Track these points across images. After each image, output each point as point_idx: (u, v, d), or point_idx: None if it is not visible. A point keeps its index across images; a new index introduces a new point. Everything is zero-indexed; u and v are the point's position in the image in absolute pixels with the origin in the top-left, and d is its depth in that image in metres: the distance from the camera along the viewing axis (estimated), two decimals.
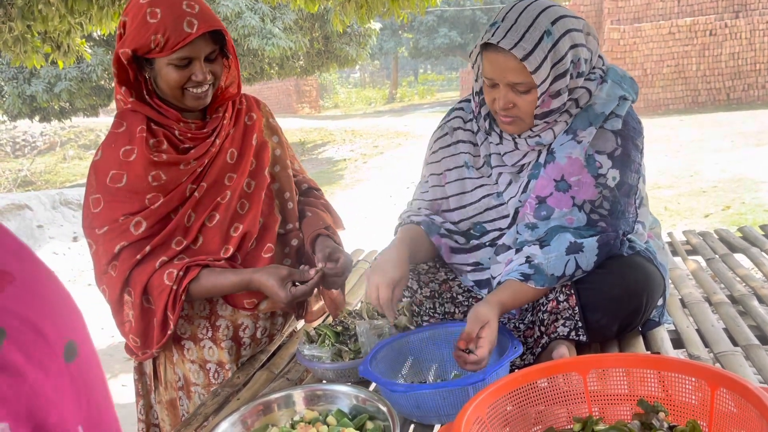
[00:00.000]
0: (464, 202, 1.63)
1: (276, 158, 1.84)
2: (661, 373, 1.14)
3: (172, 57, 1.52)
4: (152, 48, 1.51)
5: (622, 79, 1.51)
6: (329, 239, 1.77)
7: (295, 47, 11.55)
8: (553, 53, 1.37)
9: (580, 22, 1.44)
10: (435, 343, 1.56)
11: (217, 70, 1.61)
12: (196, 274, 1.58)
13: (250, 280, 1.60)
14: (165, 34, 1.49)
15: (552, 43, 1.37)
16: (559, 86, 1.40)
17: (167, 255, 1.60)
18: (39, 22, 4.37)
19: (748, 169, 7.29)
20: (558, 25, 1.38)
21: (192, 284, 1.58)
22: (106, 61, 11.15)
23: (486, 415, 1.09)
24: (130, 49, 1.52)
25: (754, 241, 2.50)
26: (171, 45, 1.50)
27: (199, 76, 1.55)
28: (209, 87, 1.60)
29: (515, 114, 1.45)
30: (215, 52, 1.59)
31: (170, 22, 1.49)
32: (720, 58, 13.90)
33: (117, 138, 1.59)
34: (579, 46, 1.41)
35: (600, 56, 1.52)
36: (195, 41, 1.51)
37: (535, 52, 1.36)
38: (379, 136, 14.62)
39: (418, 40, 26.55)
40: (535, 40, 1.36)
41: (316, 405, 1.28)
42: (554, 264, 1.41)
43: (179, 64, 1.53)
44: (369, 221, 7.16)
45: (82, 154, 17.58)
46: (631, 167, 1.47)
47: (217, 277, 1.60)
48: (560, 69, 1.39)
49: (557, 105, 1.43)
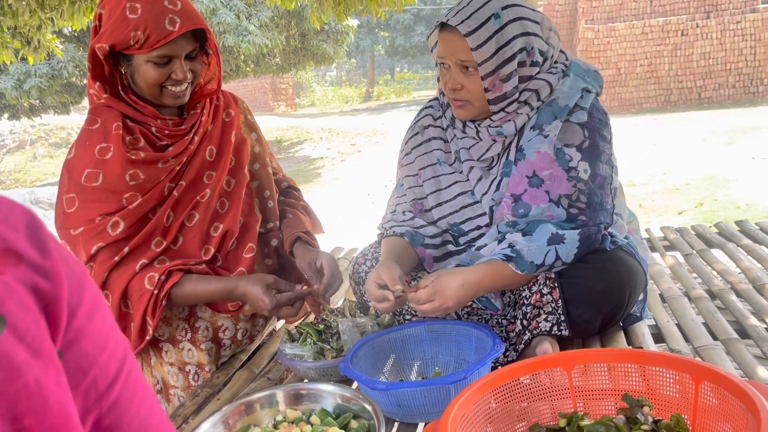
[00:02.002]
0: (441, 199, 1.64)
1: (255, 155, 1.81)
2: (644, 367, 1.15)
3: (152, 54, 1.47)
4: (131, 44, 1.46)
5: (585, 72, 1.53)
6: (309, 246, 1.75)
7: (271, 44, 11.47)
8: (499, 35, 1.42)
9: (539, 15, 1.49)
10: (417, 341, 1.55)
11: (197, 68, 1.56)
12: (178, 279, 1.55)
13: (234, 288, 1.56)
14: (146, 31, 1.44)
15: (499, 25, 1.42)
16: (507, 70, 1.44)
17: (147, 257, 1.55)
18: (9, 16, 4.26)
19: (720, 167, 7.42)
20: (509, 11, 1.44)
21: (174, 289, 1.54)
22: (77, 58, 10.94)
23: (472, 412, 1.08)
24: (107, 45, 1.47)
25: (730, 236, 2.53)
26: (151, 42, 1.45)
27: (179, 74, 1.51)
28: (188, 85, 1.56)
29: (464, 97, 1.49)
30: (196, 50, 1.55)
31: (151, 19, 1.44)
32: (691, 58, 14.11)
33: (91, 135, 1.54)
34: (531, 35, 1.45)
35: (563, 52, 1.55)
36: (176, 39, 1.47)
37: (480, 30, 1.41)
38: (356, 135, 14.59)
39: (395, 39, 26.57)
40: (482, 20, 1.42)
41: (299, 404, 1.26)
42: (535, 252, 1.41)
43: (159, 62, 1.49)
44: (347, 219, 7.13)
45: (53, 153, 17.25)
46: (601, 158, 1.48)
47: (199, 283, 1.57)
48: (507, 53, 1.43)
49: (509, 89, 1.46)
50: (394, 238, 1.63)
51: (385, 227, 1.68)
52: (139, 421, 0.47)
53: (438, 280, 1.38)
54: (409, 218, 1.66)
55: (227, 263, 1.68)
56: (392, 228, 1.65)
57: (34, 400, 0.39)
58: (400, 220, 1.66)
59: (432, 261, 1.64)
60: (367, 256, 1.75)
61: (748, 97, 13.91)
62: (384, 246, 1.63)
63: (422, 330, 1.54)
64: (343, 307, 1.73)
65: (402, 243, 1.62)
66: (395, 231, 1.64)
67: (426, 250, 1.63)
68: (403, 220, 1.66)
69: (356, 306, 1.74)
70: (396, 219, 1.67)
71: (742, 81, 13.99)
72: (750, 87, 13.96)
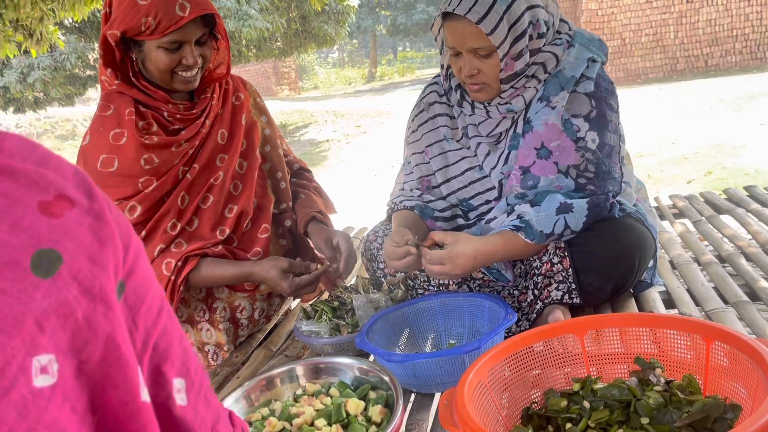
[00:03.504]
0: (449, 175, 1.65)
1: (266, 138, 1.83)
2: (655, 331, 1.16)
3: (163, 40, 1.49)
4: (142, 30, 1.48)
5: (590, 42, 1.53)
6: (323, 226, 1.77)
7: (273, 28, 11.42)
8: (508, 14, 1.40)
9: None
10: (430, 314, 1.57)
11: (206, 53, 1.59)
12: (195, 264, 1.58)
13: (250, 273, 1.60)
14: (156, 17, 1.46)
15: (506, 4, 1.40)
16: (519, 47, 1.43)
17: (164, 241, 1.58)
18: (10, 9, 4.27)
19: (728, 135, 7.36)
20: None
21: (191, 274, 1.58)
22: (79, 49, 10.94)
23: (487, 379, 1.11)
24: (119, 31, 1.49)
25: (739, 202, 2.53)
26: (162, 28, 1.47)
27: (189, 60, 1.53)
28: (198, 70, 1.58)
29: (482, 80, 1.48)
30: (206, 35, 1.57)
31: (162, 5, 1.46)
32: (697, 26, 13.93)
33: (105, 121, 1.56)
34: (536, 7, 1.44)
35: (565, 21, 1.54)
36: (186, 25, 1.49)
37: (490, 14, 1.39)
38: (361, 116, 14.54)
39: (396, 17, 26.33)
40: (489, 3, 1.39)
41: (318, 378, 1.29)
42: (544, 221, 1.43)
43: (170, 47, 1.51)
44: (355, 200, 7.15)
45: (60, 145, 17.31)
46: (608, 127, 1.48)
47: (216, 268, 1.60)
48: (518, 30, 1.41)
49: (521, 66, 1.45)
50: (405, 212, 1.65)
51: (395, 202, 1.70)
52: (182, 349, 0.53)
53: (454, 247, 1.40)
54: (417, 195, 1.67)
55: (243, 244, 1.71)
56: (402, 202, 1.67)
57: (84, 333, 0.42)
58: (408, 196, 1.68)
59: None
60: (378, 233, 1.77)
61: (755, 63, 13.74)
62: (395, 219, 1.64)
63: (435, 303, 1.57)
64: (357, 284, 1.76)
65: (412, 216, 1.63)
66: (405, 205, 1.65)
67: (436, 223, 1.65)
68: (411, 196, 1.68)
69: (369, 282, 1.76)
70: (405, 194, 1.69)
71: (749, 47, 13.81)
72: (757, 53, 13.78)
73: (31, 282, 0.40)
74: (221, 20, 1.60)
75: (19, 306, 0.39)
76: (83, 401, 0.43)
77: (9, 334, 0.39)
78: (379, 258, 1.75)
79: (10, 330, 0.39)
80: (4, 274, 0.39)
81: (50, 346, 0.41)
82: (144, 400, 0.47)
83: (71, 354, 0.42)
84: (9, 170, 0.43)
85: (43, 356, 0.40)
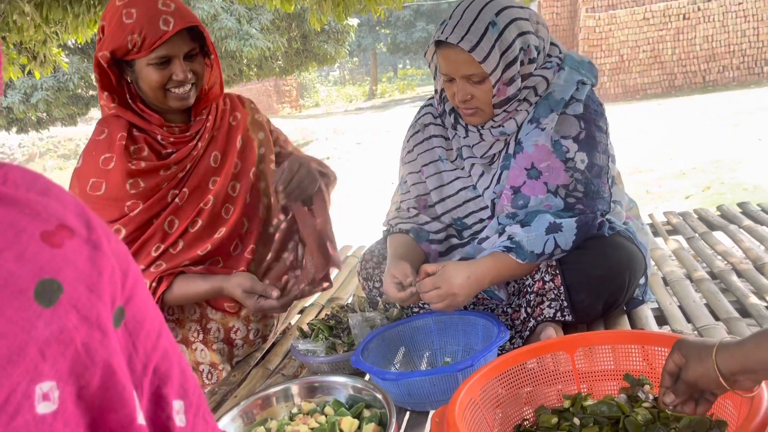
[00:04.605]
0: (444, 194, 1.68)
1: (260, 156, 1.85)
2: (645, 347, 1.18)
3: (151, 56, 1.52)
4: (130, 49, 1.51)
5: (580, 65, 1.56)
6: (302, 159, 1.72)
7: (274, 47, 11.52)
8: (500, 42, 1.43)
9: (527, 11, 1.50)
10: (425, 333, 1.59)
11: (197, 68, 1.60)
12: (169, 283, 1.60)
13: (221, 288, 1.62)
14: (141, 33, 1.49)
15: (498, 32, 1.43)
16: (511, 73, 1.46)
17: (144, 263, 1.61)
18: (14, 32, 4.33)
19: (726, 150, 7.39)
20: (502, 15, 1.45)
21: (165, 294, 1.60)
22: (82, 69, 11.05)
23: (479, 397, 1.13)
24: (108, 51, 1.52)
25: (732, 218, 2.56)
26: (148, 44, 1.50)
27: (179, 74, 1.55)
28: (192, 87, 1.60)
29: (475, 105, 1.51)
30: (195, 49, 1.59)
31: (146, 21, 1.49)
32: (694, 42, 14.04)
33: (98, 145, 1.60)
34: (527, 34, 1.47)
35: (556, 44, 1.57)
36: (172, 39, 1.51)
37: (482, 42, 1.42)
38: (362, 133, 14.62)
39: (396, 35, 26.56)
40: (481, 32, 1.42)
41: (313, 397, 1.31)
42: (534, 242, 1.45)
43: (158, 63, 1.53)
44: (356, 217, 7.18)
45: (62, 164, 17.39)
46: (597, 148, 1.51)
47: (188, 285, 1.62)
48: (510, 56, 1.45)
49: (513, 91, 1.48)
50: (400, 235, 1.67)
51: (390, 224, 1.72)
52: (181, 370, 0.54)
53: (443, 270, 1.42)
54: (414, 215, 1.70)
55: (228, 264, 1.73)
56: (398, 225, 1.69)
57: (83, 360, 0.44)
58: (405, 217, 1.70)
59: (437, 256, 1.69)
60: (374, 252, 1.80)
61: (753, 78, 13.82)
62: (390, 243, 1.67)
63: (430, 321, 1.59)
64: (353, 302, 1.78)
65: (408, 239, 1.66)
66: (401, 228, 1.68)
67: (431, 246, 1.68)
68: (408, 217, 1.70)
69: (365, 301, 1.79)
70: (401, 216, 1.71)
71: (747, 62, 13.90)
72: (755, 68, 13.87)
73: (35, 311, 0.42)
74: (209, 35, 1.62)
75: (23, 334, 0.41)
76: (83, 426, 0.44)
77: (14, 362, 0.40)
78: (374, 277, 1.77)
79: (15, 358, 0.40)
80: (11, 302, 0.41)
81: (52, 373, 0.42)
82: (141, 424, 0.48)
83: (71, 381, 0.43)
84: (14, 200, 0.44)
85: (45, 383, 0.41)
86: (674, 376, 0.95)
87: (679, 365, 0.94)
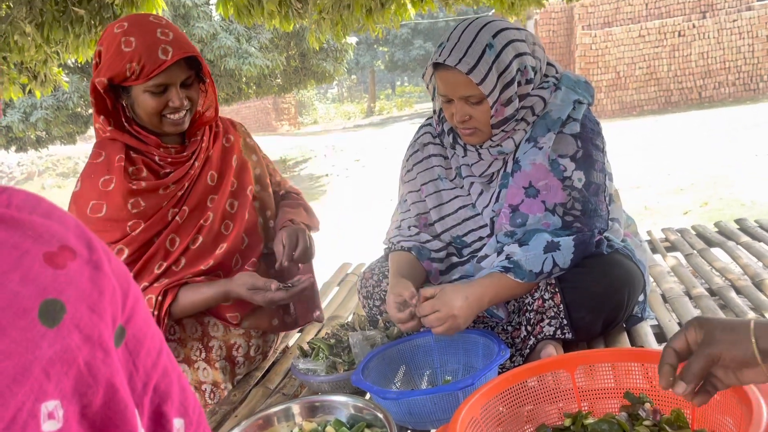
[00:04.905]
0: (443, 213, 1.69)
1: (256, 177, 1.87)
2: (645, 365, 1.19)
3: (148, 84, 1.54)
4: (128, 76, 1.53)
5: (576, 84, 1.58)
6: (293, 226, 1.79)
7: (272, 65, 11.60)
8: (497, 64, 1.45)
9: (523, 33, 1.52)
10: (425, 351, 1.59)
11: (193, 95, 1.63)
12: (174, 295, 1.61)
13: (227, 292, 1.63)
14: (140, 62, 1.51)
15: (495, 54, 1.45)
16: (509, 94, 1.48)
17: (148, 280, 1.62)
18: (15, 52, 4.36)
19: (723, 166, 7.43)
20: (499, 37, 1.47)
21: (172, 306, 1.61)
22: (82, 88, 11.11)
23: (480, 415, 1.13)
24: (105, 78, 1.54)
25: (729, 235, 2.57)
26: (146, 72, 1.52)
27: (175, 102, 1.57)
28: (186, 112, 1.63)
29: (473, 125, 1.53)
30: (191, 77, 1.61)
31: (144, 50, 1.51)
32: (690, 58, 14.17)
33: (96, 168, 1.62)
34: (524, 55, 1.49)
35: (552, 64, 1.60)
36: (170, 68, 1.54)
37: (479, 64, 1.44)
38: (360, 150, 14.68)
39: (394, 53, 26.77)
40: (478, 54, 1.44)
41: (314, 416, 1.31)
42: (533, 261, 1.46)
43: (155, 91, 1.55)
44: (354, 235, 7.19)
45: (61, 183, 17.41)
46: (594, 167, 1.53)
47: (194, 293, 1.63)
48: (507, 78, 1.46)
49: (510, 112, 1.50)
50: (402, 253, 1.68)
51: (392, 242, 1.73)
52: (181, 388, 0.55)
53: (441, 293, 1.42)
54: (415, 233, 1.71)
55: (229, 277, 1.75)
56: (399, 243, 1.70)
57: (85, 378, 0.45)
58: (406, 235, 1.71)
59: (438, 274, 1.70)
60: (374, 270, 1.80)
61: (748, 94, 13.92)
62: (392, 260, 1.67)
63: (430, 340, 1.59)
64: (353, 321, 1.78)
65: (409, 257, 1.67)
66: (402, 246, 1.69)
67: (432, 264, 1.68)
68: (409, 235, 1.71)
69: (365, 319, 1.79)
70: (402, 234, 1.72)
71: (742, 78, 14.02)
72: (750, 84, 13.99)
73: (38, 331, 0.42)
74: (205, 63, 1.65)
75: (27, 354, 0.42)
76: None
77: (19, 382, 0.41)
78: (375, 296, 1.78)
79: (20, 378, 0.41)
80: (15, 323, 0.42)
81: (56, 392, 0.43)
82: None
83: (75, 399, 0.44)
84: (18, 222, 0.45)
85: (50, 402, 0.42)
86: (681, 354, 0.90)
87: (694, 342, 0.88)
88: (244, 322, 1.76)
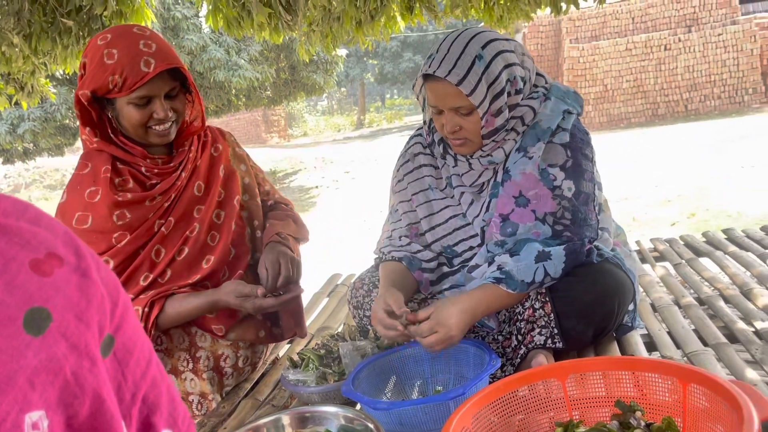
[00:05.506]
0: (433, 223, 1.69)
1: (245, 186, 1.86)
2: (635, 373, 1.19)
3: (132, 96, 1.53)
4: (111, 88, 1.52)
5: (565, 94, 1.59)
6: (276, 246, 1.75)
7: (262, 78, 11.62)
8: (487, 75, 1.46)
9: (512, 44, 1.53)
10: (416, 361, 1.59)
11: (178, 106, 1.62)
12: (161, 306, 1.60)
13: (216, 301, 1.62)
14: (122, 75, 1.50)
15: (484, 65, 1.46)
16: (498, 104, 1.48)
17: (134, 292, 1.61)
18: (2, 63, 4.34)
19: (710, 177, 7.51)
20: (488, 48, 1.48)
21: (159, 317, 1.60)
22: (70, 100, 11.05)
23: (471, 425, 1.12)
24: (89, 90, 1.54)
25: (717, 245, 2.59)
26: (129, 85, 1.51)
27: (160, 113, 1.56)
28: (172, 124, 1.62)
29: (463, 136, 1.53)
30: (176, 88, 1.60)
31: (127, 63, 1.50)
32: (676, 72, 14.35)
33: (82, 180, 1.61)
34: (513, 66, 1.50)
35: (542, 75, 1.60)
36: (153, 80, 1.53)
37: (469, 75, 1.45)
38: (350, 162, 14.70)
39: (383, 66, 26.90)
40: (468, 65, 1.45)
41: (304, 427, 1.29)
42: (524, 271, 1.46)
43: (139, 103, 1.55)
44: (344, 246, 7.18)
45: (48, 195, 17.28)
46: (584, 176, 1.54)
47: (181, 304, 1.62)
48: (497, 88, 1.47)
49: (500, 122, 1.51)
50: (392, 263, 1.68)
51: (383, 251, 1.73)
52: (170, 399, 0.54)
53: (437, 312, 1.41)
54: (406, 243, 1.71)
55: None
56: (390, 253, 1.70)
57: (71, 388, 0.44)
58: (397, 245, 1.71)
59: (428, 284, 1.69)
60: (364, 280, 1.80)
61: (734, 107, 14.11)
62: (383, 270, 1.67)
63: (421, 350, 1.58)
64: (343, 331, 1.77)
65: (400, 267, 1.66)
66: (393, 256, 1.69)
67: (423, 274, 1.68)
68: (400, 245, 1.71)
69: (356, 329, 1.78)
70: (393, 244, 1.72)
71: (728, 91, 14.21)
72: (735, 97, 14.17)
73: (23, 340, 0.41)
74: (189, 74, 1.64)
75: (12, 363, 0.41)
76: None
77: (3, 391, 0.40)
78: (365, 306, 1.77)
79: (4, 387, 0.40)
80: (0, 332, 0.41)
81: (41, 402, 0.42)
82: None
83: (60, 410, 0.43)
84: (4, 229, 0.45)
85: (35, 413, 0.41)
86: None
87: None
88: (230, 333, 1.74)
